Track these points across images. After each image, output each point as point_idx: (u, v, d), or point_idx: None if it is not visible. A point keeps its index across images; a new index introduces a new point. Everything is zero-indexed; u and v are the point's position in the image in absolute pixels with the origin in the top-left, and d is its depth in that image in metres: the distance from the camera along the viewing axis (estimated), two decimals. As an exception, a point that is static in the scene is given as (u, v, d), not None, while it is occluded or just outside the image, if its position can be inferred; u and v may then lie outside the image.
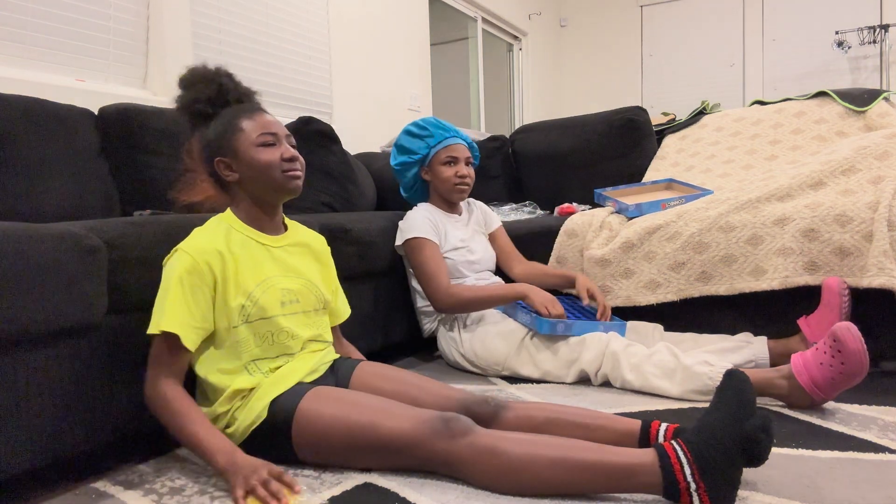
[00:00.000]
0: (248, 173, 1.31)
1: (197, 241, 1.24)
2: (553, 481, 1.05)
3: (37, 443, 1.09)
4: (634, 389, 1.67)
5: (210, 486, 1.17)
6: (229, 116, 1.33)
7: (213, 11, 2.59)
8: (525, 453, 1.06)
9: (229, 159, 1.32)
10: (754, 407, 1.05)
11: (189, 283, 1.19)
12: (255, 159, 1.30)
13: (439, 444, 1.10)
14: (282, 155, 1.31)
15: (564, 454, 1.05)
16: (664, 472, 0.99)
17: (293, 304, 1.33)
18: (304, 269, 1.39)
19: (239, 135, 1.31)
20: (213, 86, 1.36)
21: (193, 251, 1.21)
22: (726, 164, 2.57)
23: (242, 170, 1.31)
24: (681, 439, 1.02)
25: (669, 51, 6.01)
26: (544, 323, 1.78)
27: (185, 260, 1.20)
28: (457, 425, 1.11)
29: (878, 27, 5.12)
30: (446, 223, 2.07)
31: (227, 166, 1.32)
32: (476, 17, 5.07)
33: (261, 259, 1.31)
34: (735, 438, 0.99)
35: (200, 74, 1.38)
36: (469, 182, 2.08)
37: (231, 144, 1.31)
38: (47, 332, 1.09)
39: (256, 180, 1.31)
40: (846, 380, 1.38)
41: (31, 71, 1.99)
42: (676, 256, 1.95)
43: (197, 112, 1.36)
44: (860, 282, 1.71)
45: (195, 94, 1.35)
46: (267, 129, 1.32)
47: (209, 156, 1.34)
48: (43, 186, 1.64)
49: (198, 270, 1.20)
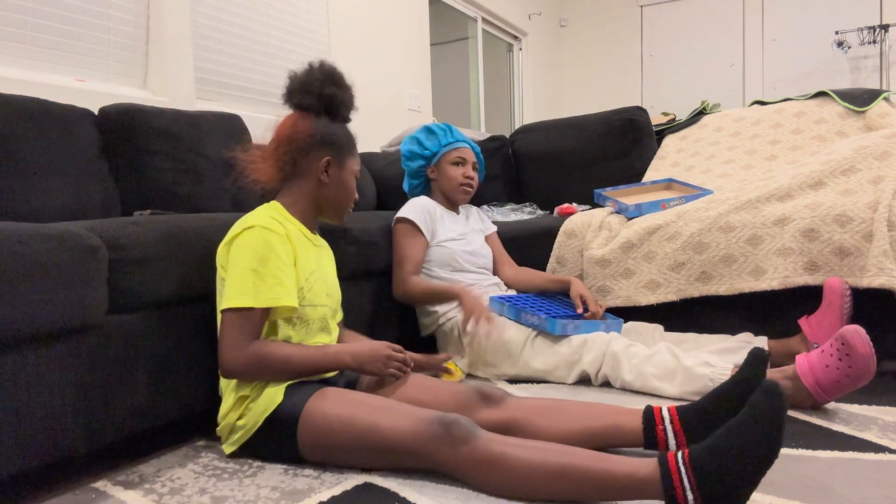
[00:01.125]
0: (336, 187, 1.45)
1: (264, 218, 1.30)
2: (553, 490, 1.04)
3: (37, 443, 1.09)
4: (634, 390, 1.67)
5: (210, 486, 1.18)
6: (353, 137, 1.49)
7: (213, 11, 2.59)
8: (526, 463, 1.06)
9: (334, 165, 1.43)
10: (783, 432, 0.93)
11: (284, 251, 1.28)
12: (350, 184, 1.47)
13: (440, 452, 1.10)
14: (356, 197, 1.51)
15: (567, 461, 1.04)
16: (665, 490, 0.97)
17: (330, 298, 1.45)
18: (332, 271, 1.52)
19: (353, 157, 1.48)
20: (353, 101, 1.49)
21: (271, 224, 1.28)
22: (726, 164, 2.57)
23: (335, 181, 1.44)
24: (689, 460, 0.96)
25: (669, 51, 6.01)
26: (556, 324, 1.78)
27: (268, 234, 1.27)
28: (458, 430, 1.10)
29: (878, 27, 5.12)
30: (444, 216, 2.10)
31: (326, 168, 1.42)
32: (476, 17, 5.07)
33: (310, 252, 1.41)
34: (759, 465, 0.93)
35: (345, 81, 1.47)
36: (474, 185, 2.15)
37: (344, 158, 1.45)
38: (47, 332, 1.09)
39: (336, 197, 1.45)
40: (852, 383, 1.38)
41: (31, 71, 1.99)
42: (676, 256, 1.95)
43: (332, 109, 1.44)
44: (860, 282, 1.71)
45: (344, 98, 1.45)
46: (359, 170, 1.51)
47: (317, 145, 1.40)
48: (43, 186, 1.64)
49: (283, 240, 1.29)
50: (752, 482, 0.93)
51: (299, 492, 1.13)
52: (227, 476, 1.22)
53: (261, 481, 1.18)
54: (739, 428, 0.94)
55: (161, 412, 1.31)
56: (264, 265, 1.25)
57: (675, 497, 0.95)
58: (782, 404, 0.93)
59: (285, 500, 1.10)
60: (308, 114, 1.43)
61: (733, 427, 0.95)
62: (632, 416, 1.24)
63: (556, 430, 1.24)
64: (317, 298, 1.39)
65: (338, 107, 1.45)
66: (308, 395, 1.23)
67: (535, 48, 5.87)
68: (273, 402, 1.23)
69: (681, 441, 1.19)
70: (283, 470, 1.23)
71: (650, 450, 1.22)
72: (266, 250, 1.25)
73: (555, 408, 1.28)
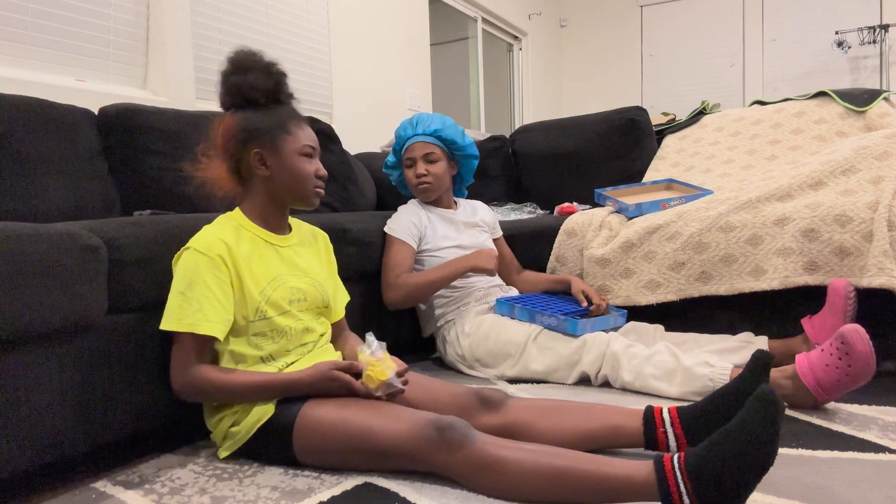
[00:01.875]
0: (281, 175, 1.34)
1: (206, 237, 1.26)
2: (550, 493, 1.04)
3: (37, 443, 1.09)
4: (634, 390, 1.67)
5: (210, 486, 1.17)
6: (283, 116, 1.35)
7: (213, 11, 2.59)
8: (522, 466, 1.05)
9: (268, 154, 1.33)
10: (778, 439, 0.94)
11: (212, 277, 1.22)
12: (295, 166, 1.34)
13: (435, 455, 1.10)
14: (317, 171, 1.37)
15: (563, 464, 1.03)
16: (661, 494, 0.97)
17: (301, 303, 1.36)
18: (310, 268, 1.41)
19: (287, 137, 1.34)
20: (271, 80, 1.36)
21: (204, 247, 1.24)
22: (726, 164, 2.57)
23: (277, 170, 1.33)
24: (685, 464, 0.96)
25: (669, 51, 6.01)
26: (575, 324, 1.77)
27: (199, 257, 1.22)
28: (452, 435, 1.08)
29: (878, 27, 5.12)
30: (434, 220, 2.07)
31: (261, 160, 1.33)
32: (476, 17, 5.07)
33: (270, 258, 1.34)
34: (756, 470, 0.92)
35: (258, 63, 1.35)
36: (428, 180, 2.03)
37: (276, 142, 1.33)
38: (47, 332, 1.09)
39: (286, 185, 1.34)
40: (852, 382, 1.37)
41: (31, 71, 1.99)
42: (676, 256, 1.95)
43: (246, 97, 1.34)
44: (860, 282, 1.71)
45: (253, 81, 1.33)
46: (312, 142, 1.37)
47: (245, 141, 1.33)
48: (43, 186, 1.64)
49: (215, 265, 1.23)
50: (748, 486, 0.93)
51: (299, 492, 1.13)
52: (227, 476, 1.22)
53: (261, 481, 1.18)
54: (735, 433, 0.94)
55: (161, 412, 1.31)
56: (191, 290, 1.21)
57: (672, 501, 0.95)
58: (777, 411, 0.92)
59: (285, 500, 1.10)
60: (230, 112, 1.36)
61: (729, 432, 0.95)
62: (632, 417, 1.24)
63: (557, 433, 1.24)
64: (282, 306, 1.31)
65: (250, 93, 1.33)
66: (303, 401, 1.22)
67: (535, 48, 5.87)
68: (265, 414, 1.22)
69: (681, 443, 1.19)
70: (283, 470, 1.23)
71: (651, 451, 1.22)
72: (194, 275, 1.22)
73: (555, 410, 1.28)
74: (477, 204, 2.25)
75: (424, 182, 2.04)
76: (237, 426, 1.25)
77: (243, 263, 1.28)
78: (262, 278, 1.30)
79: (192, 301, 1.21)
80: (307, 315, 1.38)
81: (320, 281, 1.42)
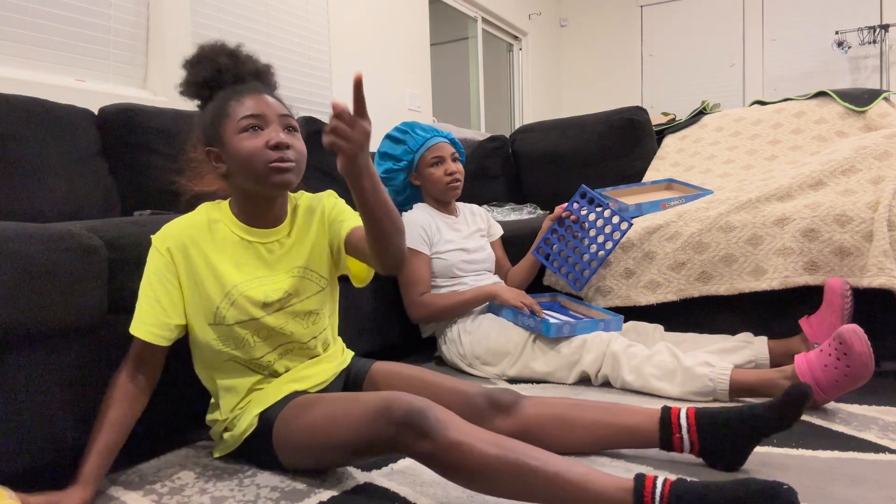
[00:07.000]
0: (232, 166, 1.16)
1: (165, 229, 1.19)
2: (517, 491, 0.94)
3: (36, 443, 1.09)
4: (634, 390, 1.67)
5: (210, 486, 1.17)
6: (220, 100, 1.18)
7: (213, 11, 2.59)
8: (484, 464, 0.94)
9: (218, 149, 1.18)
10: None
11: (155, 273, 1.16)
12: (236, 148, 1.13)
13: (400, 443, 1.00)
14: (267, 142, 1.13)
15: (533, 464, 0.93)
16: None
17: (278, 303, 1.21)
18: (298, 256, 1.24)
19: (225, 121, 1.15)
20: (211, 66, 1.21)
21: (158, 240, 1.18)
22: (726, 164, 2.57)
23: (229, 161, 1.16)
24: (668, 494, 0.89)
25: (669, 51, 6.01)
26: (551, 326, 1.78)
27: (152, 251, 1.18)
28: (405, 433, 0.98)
29: (878, 27, 5.12)
30: (441, 224, 2.07)
31: (216, 157, 1.19)
32: (476, 17, 5.07)
33: (243, 258, 1.20)
34: None
35: (203, 54, 1.23)
36: (459, 178, 2.08)
37: (219, 132, 1.16)
38: (47, 332, 1.09)
39: (240, 173, 1.15)
40: (850, 382, 1.37)
41: (31, 71, 1.99)
42: (676, 256, 1.95)
43: (197, 96, 1.24)
44: (860, 282, 1.71)
45: (193, 76, 1.22)
46: (252, 110, 1.14)
47: (203, 143, 1.22)
48: (43, 186, 1.64)
49: (163, 260, 1.16)
50: None
51: (299, 492, 1.13)
52: (227, 476, 1.22)
53: (261, 481, 1.18)
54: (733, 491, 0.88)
55: (161, 412, 1.31)
56: (141, 288, 1.17)
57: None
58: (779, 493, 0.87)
59: (285, 500, 1.10)
60: (198, 113, 1.25)
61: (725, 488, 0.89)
62: (648, 418, 1.21)
63: (571, 437, 1.22)
64: (252, 311, 1.17)
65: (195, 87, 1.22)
66: (280, 409, 1.18)
67: (535, 48, 5.87)
68: (251, 426, 1.20)
69: (696, 449, 1.17)
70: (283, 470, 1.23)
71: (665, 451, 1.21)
72: (145, 271, 1.17)
73: (568, 415, 1.23)
74: (473, 207, 2.27)
75: (457, 179, 2.07)
76: (228, 433, 1.24)
77: (202, 261, 1.16)
78: (226, 282, 1.16)
79: (139, 299, 1.16)
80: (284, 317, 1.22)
81: (311, 267, 1.25)
